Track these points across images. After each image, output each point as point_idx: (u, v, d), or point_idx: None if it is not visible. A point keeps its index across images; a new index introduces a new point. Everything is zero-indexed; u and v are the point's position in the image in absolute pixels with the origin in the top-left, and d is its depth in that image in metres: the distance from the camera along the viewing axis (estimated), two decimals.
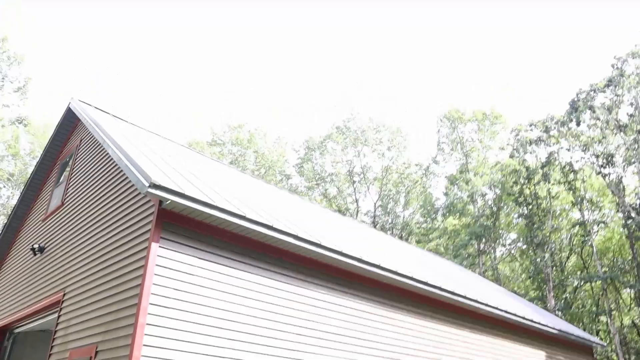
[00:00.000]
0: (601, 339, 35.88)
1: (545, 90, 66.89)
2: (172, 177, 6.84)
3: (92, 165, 9.29)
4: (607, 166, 31.24)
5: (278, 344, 6.99)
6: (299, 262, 7.75)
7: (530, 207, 36.00)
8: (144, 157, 7.46)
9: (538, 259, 34.52)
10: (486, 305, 11.11)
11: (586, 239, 33.41)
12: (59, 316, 8.00)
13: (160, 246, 6.12)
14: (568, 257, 37.76)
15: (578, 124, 32.01)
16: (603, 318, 33.30)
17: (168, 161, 8.39)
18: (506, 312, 11.67)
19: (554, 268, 35.08)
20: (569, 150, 33.84)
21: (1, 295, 11.78)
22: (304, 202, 15.17)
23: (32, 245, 10.09)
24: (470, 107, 48.14)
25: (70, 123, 11.41)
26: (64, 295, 8.11)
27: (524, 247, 40.65)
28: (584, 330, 35.30)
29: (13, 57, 38.35)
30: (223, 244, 6.83)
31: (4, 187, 42.30)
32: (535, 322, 12.77)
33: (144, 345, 5.58)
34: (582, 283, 34.28)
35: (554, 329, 13.58)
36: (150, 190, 5.87)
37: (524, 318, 12.30)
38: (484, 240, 39.65)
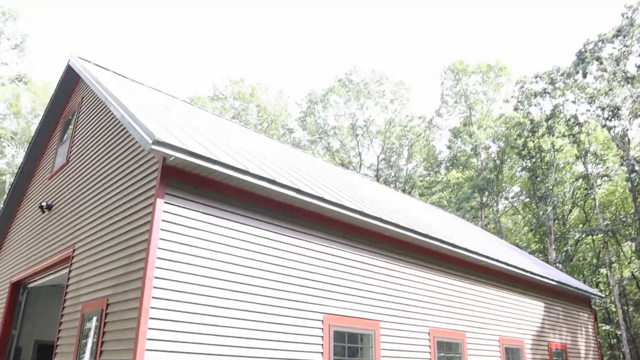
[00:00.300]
0: (601, 290, 36.54)
1: (551, 42, 65.62)
2: (175, 133, 6.88)
3: (95, 122, 9.33)
4: (613, 119, 31.02)
5: (281, 295, 7.20)
6: (301, 216, 7.88)
7: (534, 160, 35.99)
8: (146, 114, 7.48)
9: (540, 212, 34.78)
10: (486, 257, 11.32)
11: (589, 192, 33.55)
12: (70, 271, 8.23)
13: (165, 202, 6.23)
14: (570, 211, 38.01)
15: (584, 75, 31.57)
16: (603, 270, 33.81)
17: (171, 117, 8.41)
18: (505, 263, 11.91)
19: (556, 221, 35.38)
20: (574, 102, 33.54)
21: (13, 252, 12.06)
22: (307, 156, 15.22)
23: (40, 203, 10.25)
24: (475, 59, 47.43)
25: (70, 81, 11.37)
26: (74, 251, 8.31)
27: (527, 200, 40.88)
28: (584, 282, 35.90)
29: (8, 13, 37.73)
30: (227, 199, 6.94)
31: (8, 146, 42.44)
32: (534, 274, 13.03)
33: (153, 297, 5.77)
34: (583, 236, 34.63)
35: (552, 280, 13.87)
36: (153, 147, 5.92)
37: (523, 270, 12.55)
38: (486, 193, 39.85)
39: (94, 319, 6.80)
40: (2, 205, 13.22)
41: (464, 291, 11.08)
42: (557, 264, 32.70)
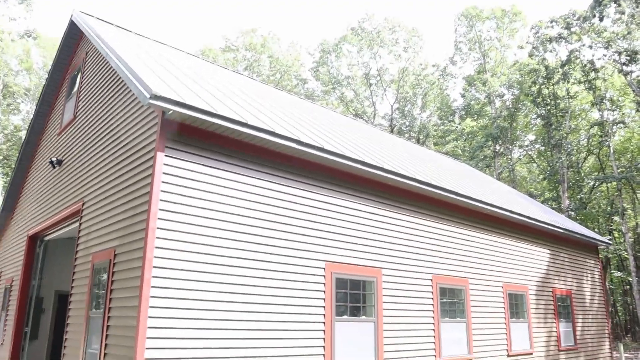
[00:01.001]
0: (614, 238, 36.57)
1: None
2: (174, 87, 6.95)
3: (99, 77, 9.41)
4: (630, 63, 30.16)
5: (283, 244, 7.41)
6: (303, 166, 7.98)
7: (549, 107, 35.39)
8: (145, 68, 7.54)
9: (554, 160, 34.49)
10: (490, 205, 11.41)
11: (604, 139, 33.07)
12: (80, 224, 8.53)
13: (165, 155, 6.37)
14: (585, 158, 37.60)
15: (601, 19, 30.52)
16: (617, 218, 33.73)
17: (171, 71, 8.45)
18: (509, 211, 11.99)
19: (570, 169, 35.08)
20: (590, 47, 32.59)
21: (29, 206, 12.44)
22: (315, 106, 15.20)
23: (51, 159, 10.49)
24: (489, 3, 46.01)
25: (74, 36, 11.39)
26: (83, 204, 8.58)
27: (541, 148, 40.48)
28: (598, 230, 35.94)
29: None
30: (227, 151, 7.05)
31: (22, 102, 42.80)
32: (539, 222, 13.12)
33: (156, 247, 6.01)
34: (597, 184, 34.40)
35: (558, 228, 13.95)
36: (152, 101, 6.00)
37: (527, 217, 12.64)
38: (500, 142, 39.51)
39: (103, 269, 7.11)
40: (16, 161, 13.54)
41: (468, 239, 11.24)
42: (570, 212, 32.68)
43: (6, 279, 13.06)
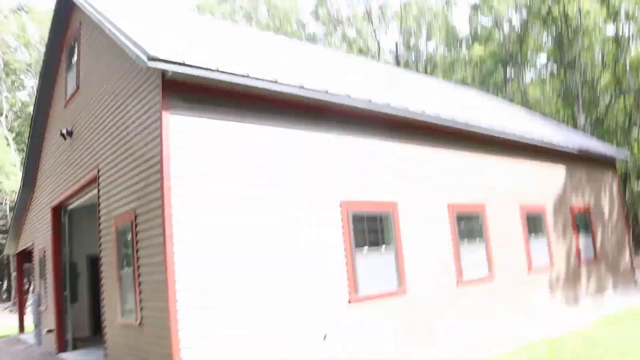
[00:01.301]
0: (631, 150, 36.18)
1: None
2: (172, 47, 6.96)
3: (96, 45, 9.40)
4: None
5: (297, 188, 7.57)
6: (308, 110, 7.99)
7: (560, 27, 34.28)
8: (142, 31, 7.53)
9: (568, 79, 33.77)
10: (501, 131, 11.38)
11: (620, 54, 32.12)
12: (98, 190, 8.77)
13: (171, 114, 6.45)
14: (600, 75, 36.70)
15: None
16: (636, 133, 33.24)
17: (168, 31, 8.44)
18: (522, 136, 11.95)
19: (585, 86, 34.36)
20: None
21: (48, 179, 12.75)
22: (316, 49, 15.05)
23: (61, 131, 10.66)
24: None
25: (66, 6, 11.26)
26: (99, 171, 8.79)
27: (554, 68, 39.53)
28: (617, 145, 35.53)
29: None
30: (232, 103, 7.08)
31: (25, 77, 42.81)
32: (555, 145, 13.08)
33: (174, 204, 6.20)
34: (614, 100, 33.72)
35: (574, 148, 13.91)
36: (150, 64, 6.04)
37: (541, 140, 12.60)
38: (510, 64, 38.67)
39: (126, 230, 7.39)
40: (28, 138, 13.77)
41: (481, 164, 11.29)
42: (587, 129, 32.30)
43: (39, 250, 13.59)
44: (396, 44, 44.65)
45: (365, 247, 8.36)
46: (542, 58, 41.65)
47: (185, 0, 45.86)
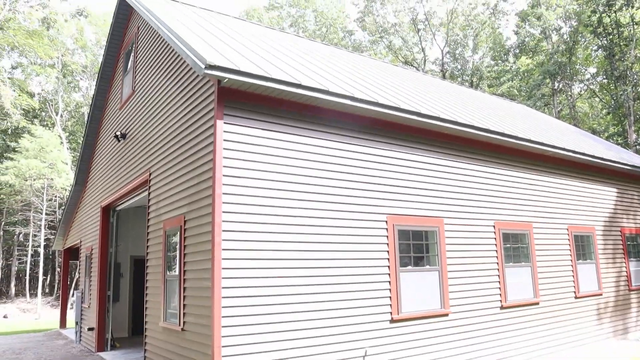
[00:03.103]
0: None
1: None
2: (228, 55, 7.07)
3: (153, 50, 9.65)
4: None
5: (344, 200, 7.55)
6: (358, 122, 7.99)
7: (611, 37, 33.27)
8: (198, 38, 7.68)
9: (619, 93, 32.69)
10: (550, 146, 11.08)
11: None
12: (149, 193, 8.98)
13: (225, 122, 6.55)
14: None
15: None
16: None
17: (222, 38, 8.57)
18: (571, 151, 11.58)
19: (637, 101, 33.18)
20: None
21: (99, 179, 13.15)
22: (362, 58, 15.02)
23: (115, 133, 10.98)
24: None
25: (125, 12, 11.66)
26: (150, 174, 9.00)
27: (604, 81, 38.37)
28: None
29: None
30: (284, 113, 7.15)
31: (81, 79, 44.43)
32: (604, 159, 12.64)
33: (224, 212, 6.28)
34: None
35: (625, 165, 13.39)
36: (207, 71, 6.15)
37: (591, 156, 12.19)
38: (558, 78, 37.72)
39: (175, 234, 7.52)
40: (83, 138, 14.26)
41: (530, 182, 11.02)
42: (638, 147, 31.14)
43: (86, 247, 14.00)
44: (442, 52, 44.21)
45: (410, 264, 8.27)
46: (591, 70, 40.50)
47: (234, 6, 46.68)
